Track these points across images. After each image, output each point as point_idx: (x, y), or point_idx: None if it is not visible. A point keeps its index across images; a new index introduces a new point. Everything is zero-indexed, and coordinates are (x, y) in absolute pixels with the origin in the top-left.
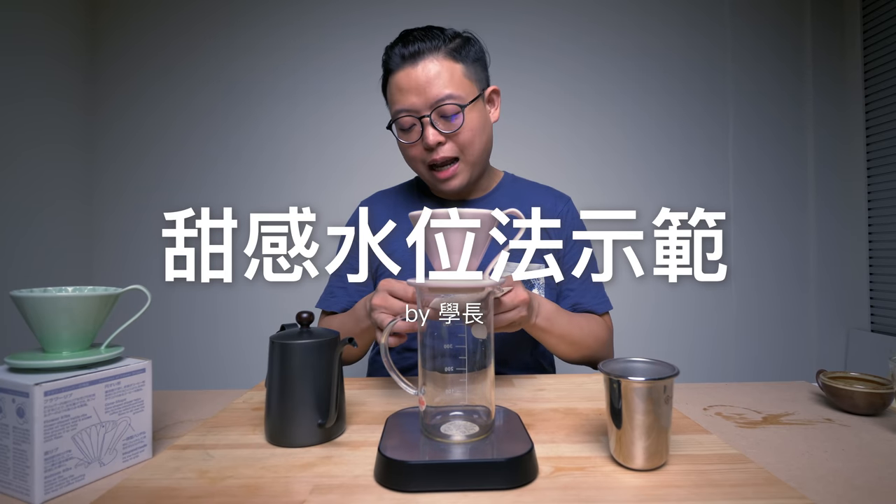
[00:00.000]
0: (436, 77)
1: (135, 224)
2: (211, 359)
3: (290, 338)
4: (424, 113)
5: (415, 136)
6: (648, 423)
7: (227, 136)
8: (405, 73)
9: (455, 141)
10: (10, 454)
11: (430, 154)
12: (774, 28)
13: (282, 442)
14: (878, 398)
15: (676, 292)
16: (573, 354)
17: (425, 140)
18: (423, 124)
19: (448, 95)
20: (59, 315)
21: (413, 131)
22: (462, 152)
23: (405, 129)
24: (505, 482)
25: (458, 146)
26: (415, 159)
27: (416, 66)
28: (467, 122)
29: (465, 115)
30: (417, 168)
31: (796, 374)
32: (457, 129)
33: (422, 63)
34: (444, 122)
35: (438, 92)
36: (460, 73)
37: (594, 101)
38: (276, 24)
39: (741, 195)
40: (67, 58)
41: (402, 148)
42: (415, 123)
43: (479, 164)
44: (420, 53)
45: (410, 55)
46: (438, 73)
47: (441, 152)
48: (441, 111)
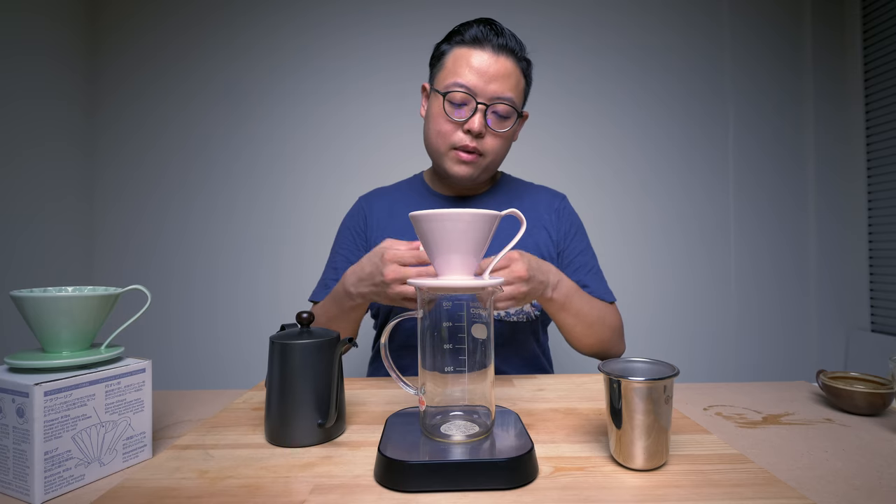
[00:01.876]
0: (507, 76)
1: (135, 224)
2: (211, 359)
3: (290, 338)
4: (482, 100)
5: (458, 115)
6: (648, 423)
7: (226, 136)
8: (483, 54)
9: (491, 140)
10: (10, 454)
11: (465, 138)
12: (774, 28)
13: (282, 442)
14: (878, 398)
15: (676, 292)
16: (588, 339)
17: (470, 124)
18: (477, 110)
19: (511, 98)
20: (59, 315)
21: (459, 109)
22: (488, 153)
23: (454, 103)
24: (505, 482)
25: (490, 146)
26: (444, 135)
27: (497, 56)
28: (508, 130)
29: (513, 122)
30: (438, 144)
31: (796, 374)
32: (502, 131)
33: (503, 57)
34: (494, 119)
35: (504, 90)
36: (522, 87)
37: (594, 102)
38: (275, 25)
39: (741, 195)
40: (67, 58)
41: (436, 119)
42: (466, 103)
43: (490, 171)
44: (504, 48)
45: (497, 45)
46: (510, 74)
47: (475, 142)
48: (496, 108)
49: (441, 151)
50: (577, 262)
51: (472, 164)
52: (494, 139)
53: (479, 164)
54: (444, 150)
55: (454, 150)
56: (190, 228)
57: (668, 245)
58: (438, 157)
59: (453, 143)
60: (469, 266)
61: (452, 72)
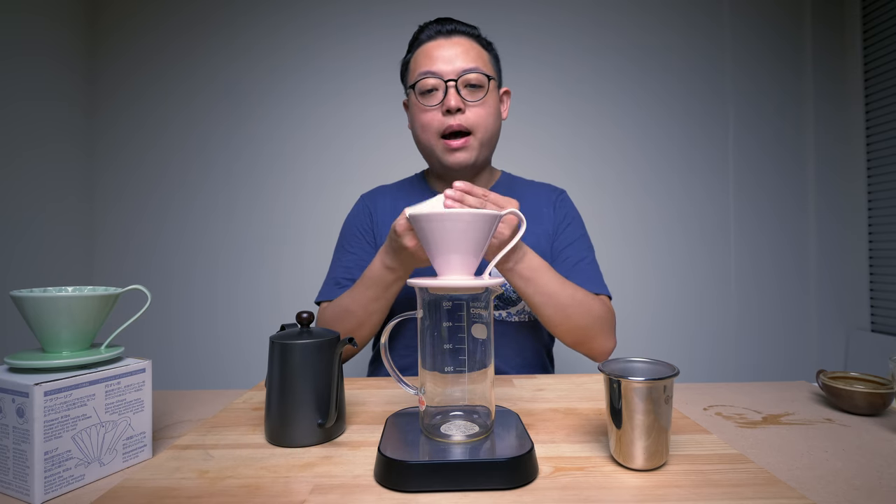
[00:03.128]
0: (466, 51)
1: (135, 224)
2: (211, 359)
3: (290, 338)
4: (450, 77)
5: (434, 101)
6: (648, 423)
7: (226, 137)
8: (437, 43)
9: (473, 113)
10: (10, 454)
11: (447, 120)
12: (774, 28)
13: (282, 442)
14: (878, 398)
15: (677, 292)
16: (564, 324)
17: (446, 102)
18: (447, 87)
19: (476, 67)
20: (59, 315)
21: (433, 96)
22: (476, 128)
23: (425, 91)
24: (505, 482)
25: (474, 120)
26: (428, 127)
27: (451, 39)
28: (487, 98)
29: (488, 88)
30: (429, 139)
31: (796, 374)
32: (479, 100)
33: (456, 38)
34: (468, 91)
35: (466, 63)
36: (487, 58)
37: (595, 102)
38: (275, 25)
39: (741, 195)
40: (68, 59)
41: (417, 115)
42: (437, 88)
43: (487, 147)
44: (455, 32)
45: (446, 31)
46: (469, 48)
47: (458, 119)
48: (466, 80)
49: (431, 144)
50: (564, 254)
51: (464, 148)
52: (477, 111)
53: (470, 145)
54: (434, 143)
55: (443, 139)
56: (190, 228)
57: (668, 245)
58: (431, 153)
59: (438, 130)
60: (469, 266)
61: (416, 67)
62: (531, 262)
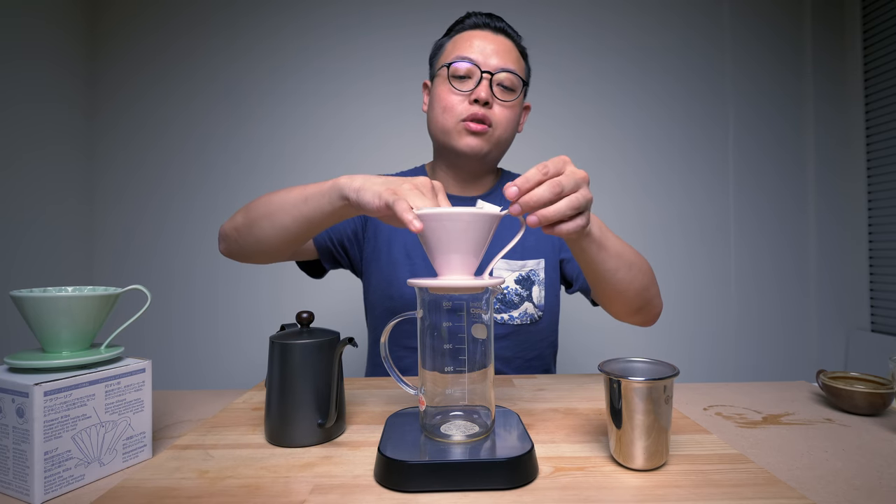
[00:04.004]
0: (508, 52)
1: (135, 224)
2: (211, 359)
3: (290, 338)
4: (487, 69)
5: (465, 87)
6: (648, 423)
7: (226, 138)
8: (482, 33)
9: (498, 111)
10: (9, 454)
11: (472, 108)
12: (774, 29)
13: (282, 442)
14: (878, 398)
15: (677, 292)
16: (634, 284)
17: (477, 93)
18: (482, 79)
19: (514, 70)
20: (59, 315)
21: (465, 82)
22: (497, 126)
23: (458, 75)
24: (505, 482)
25: (499, 118)
26: (451, 109)
27: (497, 35)
28: (515, 103)
29: (518, 94)
30: (448, 122)
31: (796, 374)
32: (510, 101)
33: (501, 36)
34: (499, 90)
35: (506, 63)
36: (523, 66)
37: (594, 103)
38: (275, 26)
39: (741, 196)
40: (68, 60)
41: (442, 95)
42: (470, 75)
43: (500, 147)
44: (503, 31)
45: (494, 27)
46: (510, 50)
47: (483, 111)
48: (501, 79)
49: (448, 127)
50: None
51: (481, 135)
52: (503, 110)
53: (489, 136)
54: (452, 125)
55: (462, 122)
56: (190, 229)
57: (668, 245)
58: (446, 135)
59: (461, 114)
60: (469, 266)
61: (455, 49)
62: (597, 221)
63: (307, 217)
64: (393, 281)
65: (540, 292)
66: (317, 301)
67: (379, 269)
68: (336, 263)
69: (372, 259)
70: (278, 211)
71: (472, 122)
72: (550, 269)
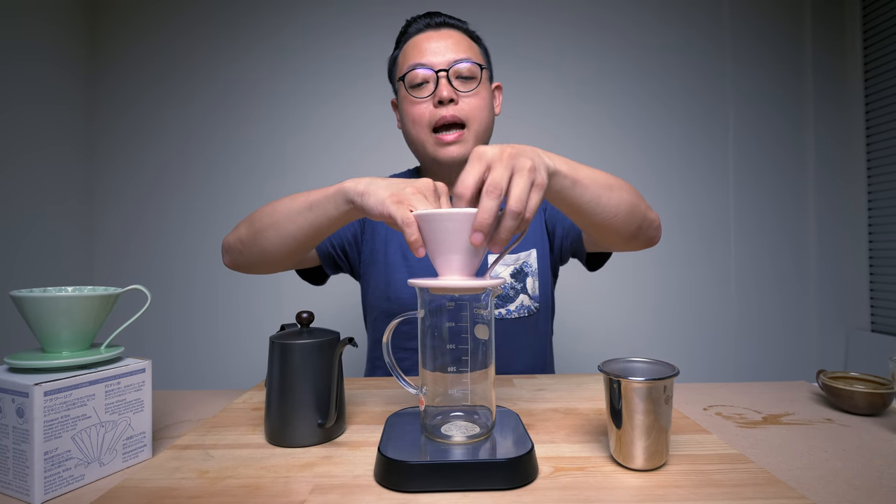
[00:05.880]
0: (457, 43)
1: (135, 224)
2: (211, 359)
3: (290, 338)
4: (440, 67)
5: (424, 93)
6: (648, 423)
7: (226, 138)
8: (426, 35)
9: (466, 104)
10: (9, 454)
11: (439, 111)
12: (774, 29)
13: (282, 442)
14: (878, 398)
15: (676, 292)
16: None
17: (438, 93)
18: (439, 78)
19: (467, 58)
20: (59, 315)
21: (423, 88)
22: (469, 120)
23: (416, 84)
24: (505, 482)
25: (468, 111)
26: (419, 120)
27: (440, 31)
28: (480, 89)
29: (480, 79)
30: (420, 134)
31: (796, 374)
32: (472, 90)
33: (445, 30)
34: (460, 82)
35: (457, 54)
36: (477, 50)
37: (595, 103)
38: (275, 27)
39: (741, 196)
40: (68, 61)
41: (407, 109)
42: (427, 80)
43: (480, 141)
44: (444, 24)
45: (435, 24)
46: (458, 40)
47: (450, 110)
48: (458, 70)
49: (423, 139)
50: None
51: (457, 142)
52: (470, 101)
53: (464, 138)
54: (426, 137)
55: (435, 133)
56: (190, 229)
57: (667, 245)
58: (423, 149)
59: (430, 122)
60: (469, 266)
61: (405, 59)
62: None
63: (313, 224)
64: (391, 283)
65: (534, 283)
66: (317, 301)
67: (376, 271)
68: (337, 269)
69: (370, 261)
70: (283, 220)
71: (443, 134)
72: (541, 257)
